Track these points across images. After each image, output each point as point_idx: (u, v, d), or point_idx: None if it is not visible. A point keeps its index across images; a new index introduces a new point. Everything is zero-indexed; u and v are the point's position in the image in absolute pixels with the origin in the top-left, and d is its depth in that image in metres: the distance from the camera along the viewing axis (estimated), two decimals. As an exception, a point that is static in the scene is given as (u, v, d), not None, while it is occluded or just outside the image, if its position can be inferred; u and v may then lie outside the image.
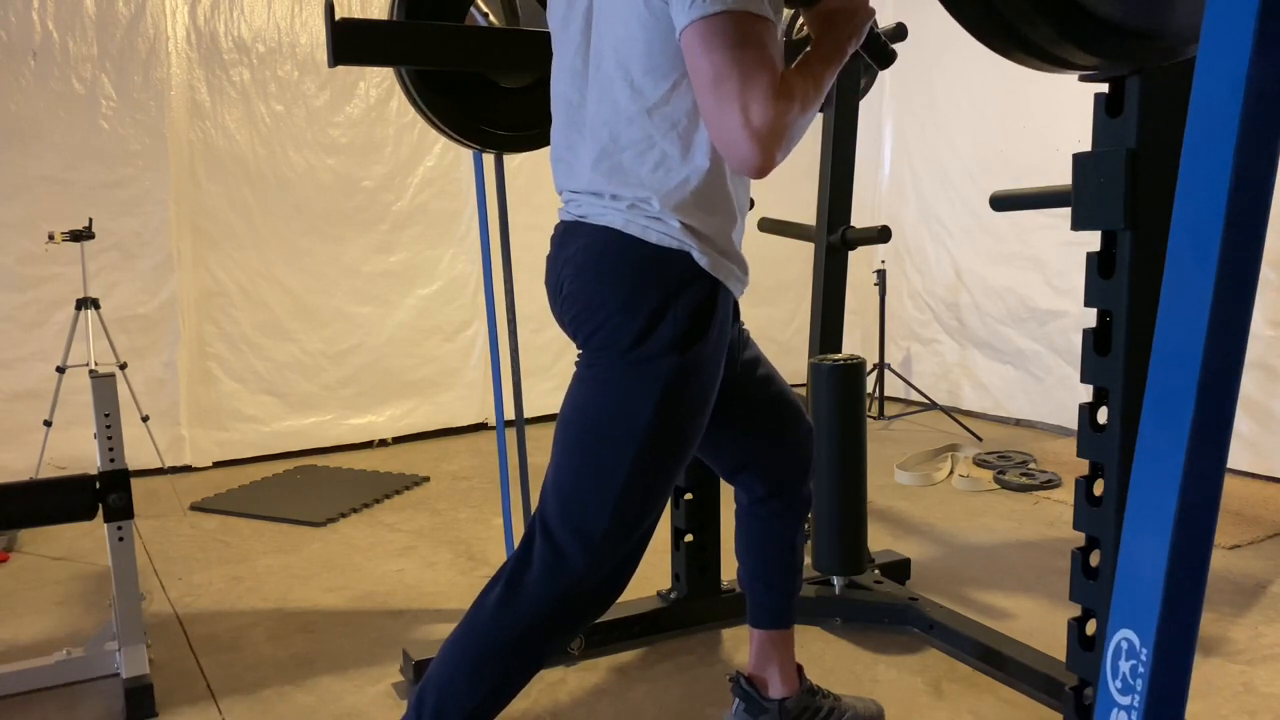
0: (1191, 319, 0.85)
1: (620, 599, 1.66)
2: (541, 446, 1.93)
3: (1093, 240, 1.67)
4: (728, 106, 1.32)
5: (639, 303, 1.51)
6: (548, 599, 1.56)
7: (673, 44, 1.42)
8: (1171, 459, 0.86)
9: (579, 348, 1.62)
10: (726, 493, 2.22)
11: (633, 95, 1.48)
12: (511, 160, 4.02)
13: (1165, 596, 0.86)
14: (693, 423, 1.60)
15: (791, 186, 4.32)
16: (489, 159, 2.71)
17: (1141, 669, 0.89)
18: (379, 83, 4.66)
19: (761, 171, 1.36)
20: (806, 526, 2.03)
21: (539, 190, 4.77)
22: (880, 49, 1.71)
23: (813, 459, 1.97)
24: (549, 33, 1.71)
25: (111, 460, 2.28)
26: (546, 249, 1.67)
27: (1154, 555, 0.86)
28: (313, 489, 4.11)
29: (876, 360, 5.33)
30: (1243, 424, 3.92)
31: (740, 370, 1.81)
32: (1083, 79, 1.61)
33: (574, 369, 1.63)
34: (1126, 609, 0.90)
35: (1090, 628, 1.74)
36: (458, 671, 1.58)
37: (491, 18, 2.44)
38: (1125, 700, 0.91)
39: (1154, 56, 1.51)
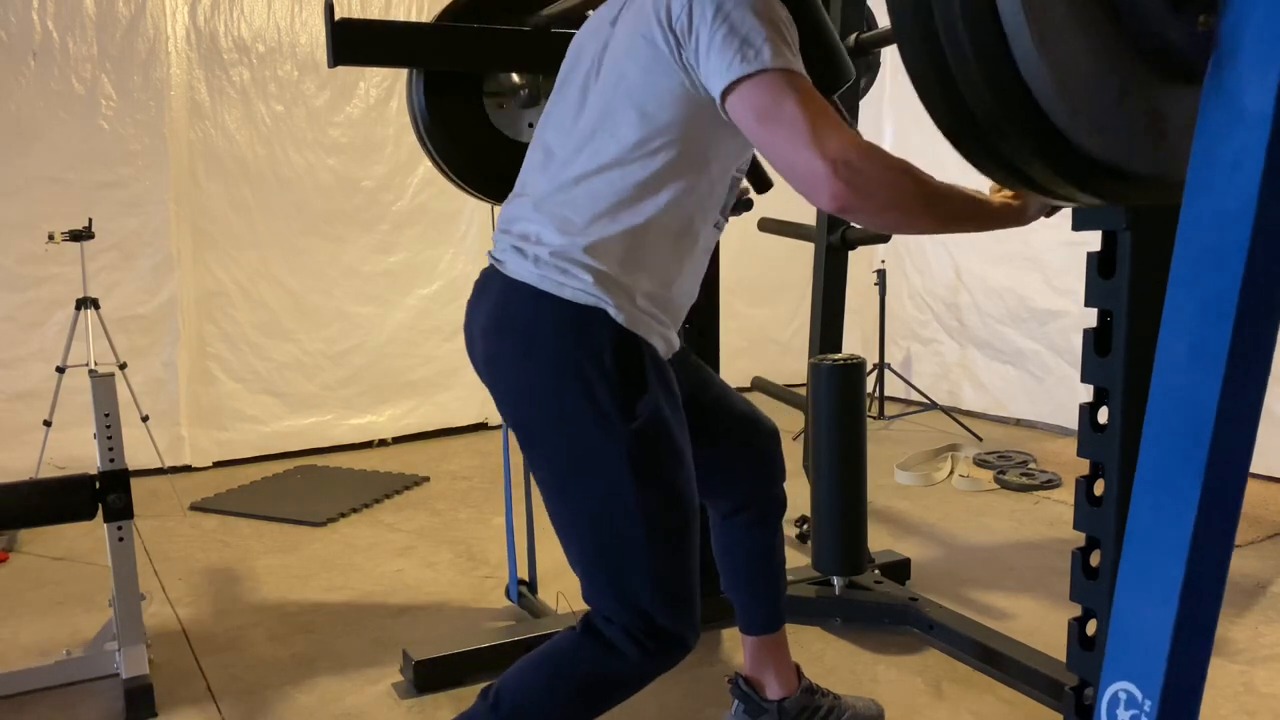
0: (1197, 416, 0.82)
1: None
2: (541, 446, 1.92)
3: (1093, 240, 1.67)
4: (800, 139, 1.31)
5: (565, 379, 1.47)
6: (623, 672, 1.55)
7: (666, 115, 1.43)
8: (1176, 540, 0.83)
9: (520, 441, 1.57)
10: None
11: (612, 151, 1.47)
12: (511, 160, 4.01)
13: (1172, 655, 0.84)
14: (678, 474, 1.55)
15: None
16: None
17: (1145, 719, 0.87)
18: (379, 83, 4.66)
19: (833, 196, 1.32)
20: (805, 526, 2.02)
21: (539, 190, 4.77)
22: (759, 175, 1.83)
23: (779, 461, 1.94)
24: (549, 33, 1.71)
25: (111, 460, 2.28)
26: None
27: (1159, 622, 0.84)
28: (313, 489, 4.11)
29: (876, 360, 5.33)
30: (1243, 424, 3.91)
31: (688, 401, 1.70)
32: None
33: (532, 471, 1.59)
34: (1123, 665, 0.87)
35: (1090, 628, 1.73)
36: (535, 690, 1.56)
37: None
38: None
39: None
